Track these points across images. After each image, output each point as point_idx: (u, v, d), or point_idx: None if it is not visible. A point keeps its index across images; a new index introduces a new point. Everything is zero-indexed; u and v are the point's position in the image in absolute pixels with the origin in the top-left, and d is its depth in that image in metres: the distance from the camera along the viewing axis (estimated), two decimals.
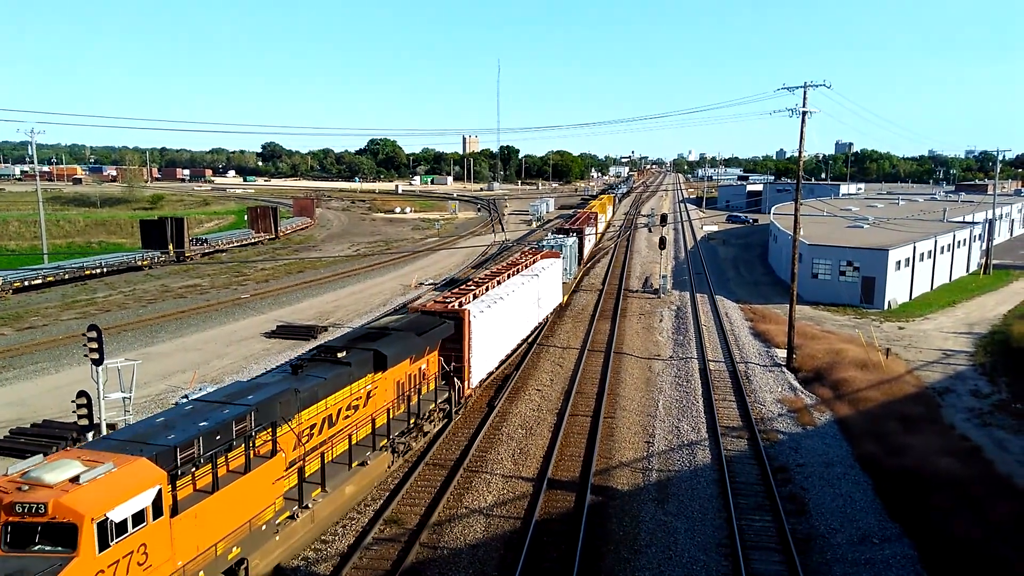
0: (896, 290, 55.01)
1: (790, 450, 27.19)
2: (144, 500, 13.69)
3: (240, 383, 20.26)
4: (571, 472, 25.27)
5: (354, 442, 21.54)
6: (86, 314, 49.99)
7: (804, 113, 37.15)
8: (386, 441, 23.24)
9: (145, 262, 71.27)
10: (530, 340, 41.00)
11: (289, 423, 18.47)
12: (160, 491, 14.04)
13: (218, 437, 16.11)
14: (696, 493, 23.56)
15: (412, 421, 24.95)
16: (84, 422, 26.47)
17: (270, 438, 17.61)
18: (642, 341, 43.07)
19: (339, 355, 21.74)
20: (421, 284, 61.82)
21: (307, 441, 19.50)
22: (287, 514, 18.36)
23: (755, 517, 22.01)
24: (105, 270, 66.92)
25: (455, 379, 28.46)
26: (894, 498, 22.87)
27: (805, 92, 36.97)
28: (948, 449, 26.18)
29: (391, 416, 23.57)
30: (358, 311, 51.25)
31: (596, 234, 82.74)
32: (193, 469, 15.45)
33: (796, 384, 35.19)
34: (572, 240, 57.13)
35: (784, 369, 37.51)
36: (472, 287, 34.30)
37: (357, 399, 21.94)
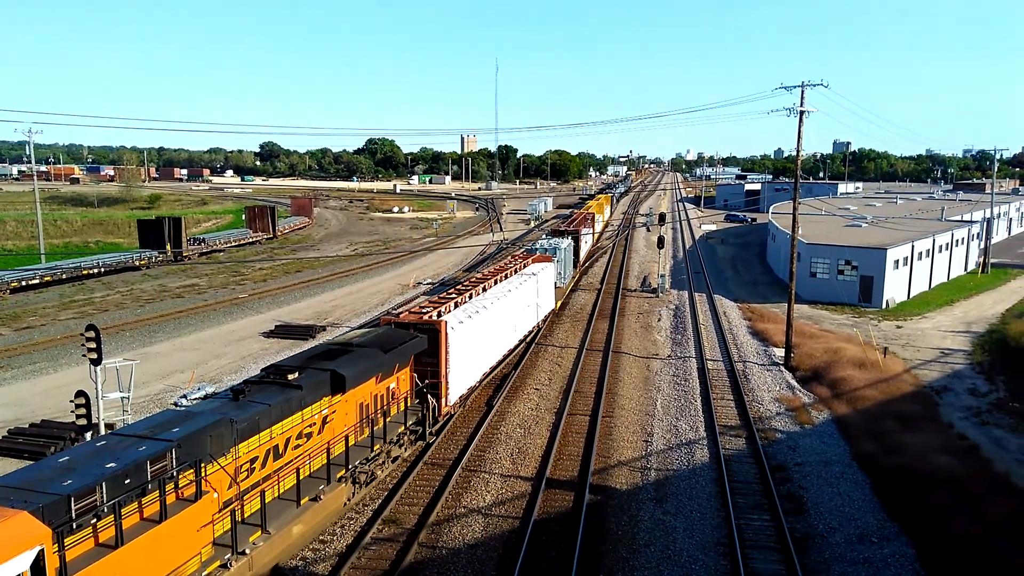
0: (894, 289, 55.07)
1: (788, 449, 27.22)
2: (18, 566, 11.36)
3: (170, 411, 18.00)
4: (570, 471, 25.28)
5: (306, 474, 19.35)
6: (84, 314, 49.92)
7: (802, 112, 37.17)
8: (344, 471, 20.90)
9: (143, 262, 71.19)
10: (520, 349, 39.14)
11: (222, 458, 16.29)
12: (42, 552, 11.71)
13: (128, 480, 13.69)
14: (694, 492, 23.57)
15: (377, 447, 22.78)
16: (82, 422, 26.45)
17: (195, 478, 15.34)
18: (640, 340, 43.08)
19: (289, 377, 19.48)
20: (419, 284, 61.79)
21: (246, 477, 17.36)
22: (217, 563, 15.92)
23: (753, 516, 22.03)
24: (102, 270, 66.83)
25: (430, 397, 26.48)
26: (892, 497, 22.89)
27: (803, 91, 36.99)
28: (946, 448, 26.21)
29: (352, 443, 21.46)
30: (356, 311, 51.23)
31: (593, 235, 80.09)
32: (94, 520, 13.16)
33: (794, 383, 35.21)
34: (567, 242, 54.73)
35: (782, 368, 37.54)
36: (454, 295, 32.03)
37: (310, 426, 19.70)
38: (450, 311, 29.29)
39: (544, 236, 58.99)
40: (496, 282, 36.40)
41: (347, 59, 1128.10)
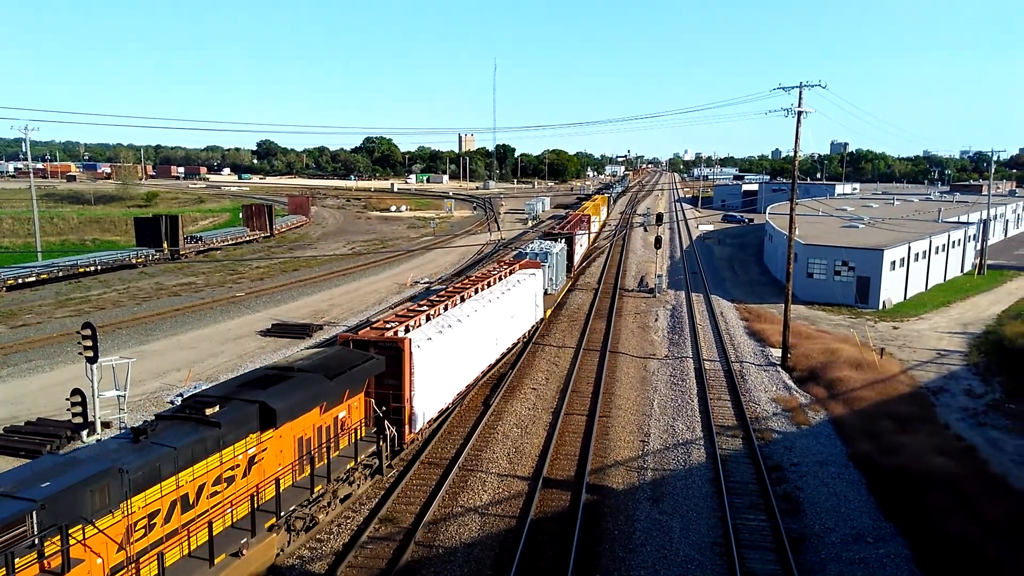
0: (891, 290, 55.15)
1: (785, 449, 27.25)
2: None
3: (50, 458, 14.70)
4: (566, 471, 25.28)
5: (227, 525, 16.69)
6: (80, 312, 49.84)
7: (800, 113, 37.20)
8: (276, 519, 17.89)
9: (139, 260, 71.09)
10: (504, 362, 36.79)
11: (109, 516, 13.71)
12: None
13: None
14: (691, 492, 23.58)
15: (320, 487, 19.79)
16: (78, 420, 26.41)
17: (62, 546, 12.69)
18: (637, 340, 43.10)
19: (207, 412, 16.69)
20: (416, 283, 61.76)
21: (143, 536, 14.66)
22: None
23: (750, 516, 22.05)
24: (99, 268, 66.71)
25: (390, 424, 23.67)
26: (888, 497, 22.92)
27: (801, 92, 37.03)
28: (942, 448, 26.26)
29: (288, 484, 18.79)
30: (352, 310, 51.20)
31: (589, 237, 78.11)
32: None
33: (791, 383, 35.25)
34: (559, 247, 51.77)
35: (779, 368, 37.58)
36: (426, 307, 29.47)
37: (233, 468, 16.98)
38: (419, 326, 26.83)
39: (536, 240, 55.27)
40: (477, 291, 33.67)
41: (345, 58, 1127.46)
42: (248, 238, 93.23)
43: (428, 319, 27.81)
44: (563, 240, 56.43)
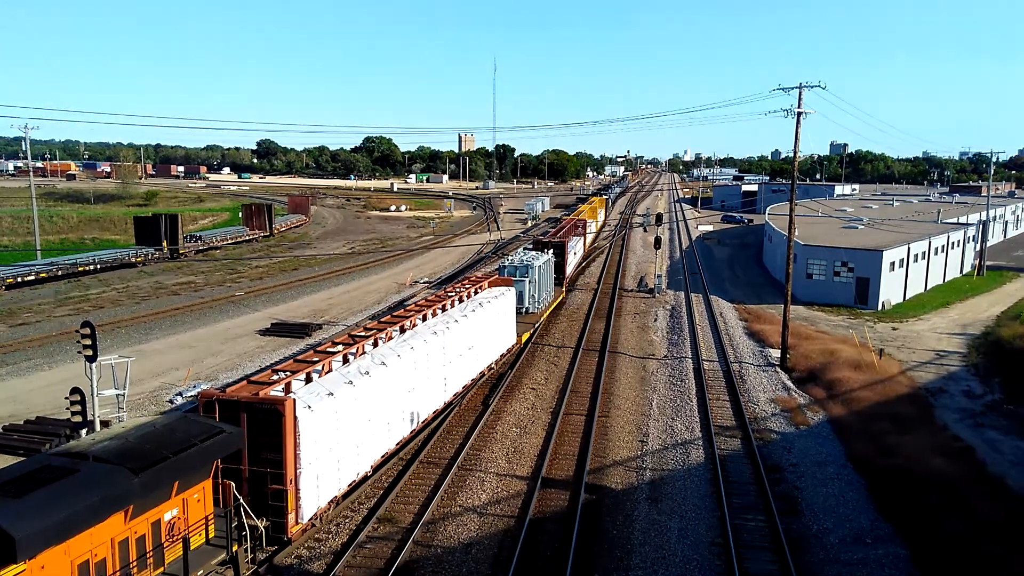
0: (890, 291, 55.17)
1: (783, 449, 27.26)
2: None
3: None
4: (565, 471, 25.30)
5: None
6: (79, 310, 49.83)
7: (799, 114, 37.22)
8: None
9: (139, 259, 71.04)
10: (460, 401, 30.89)
11: None
12: None
13: None
14: (690, 492, 23.60)
15: None
16: (77, 419, 26.42)
17: None
18: (637, 340, 43.12)
19: None
20: (416, 282, 61.78)
21: None
22: None
23: (748, 516, 22.07)
24: (99, 267, 66.67)
25: (262, 514, 18.14)
26: (887, 498, 22.95)
27: (800, 93, 37.05)
28: (941, 449, 26.28)
29: None
30: (352, 309, 51.21)
31: (585, 245, 71.78)
32: None
33: (790, 384, 35.27)
34: (544, 259, 44.52)
35: (778, 369, 37.59)
36: (342, 345, 23.98)
37: None
38: (329, 371, 21.28)
39: (520, 250, 49.41)
40: (425, 318, 28.34)
41: (345, 57, 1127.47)
42: (248, 237, 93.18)
43: (345, 361, 22.29)
44: (551, 250, 49.97)
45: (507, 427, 29.17)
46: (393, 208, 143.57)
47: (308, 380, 20.22)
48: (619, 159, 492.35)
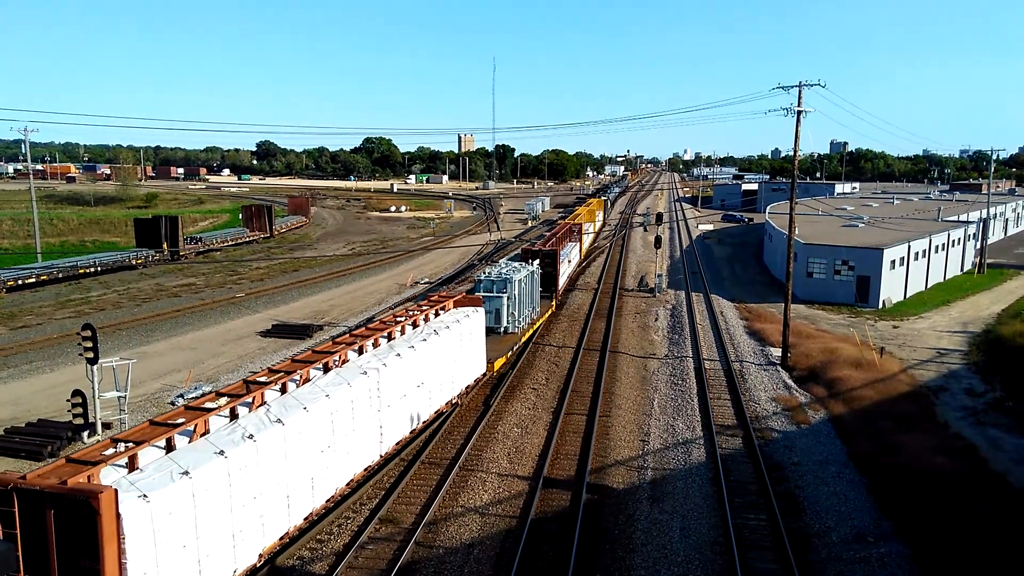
0: (891, 289, 55.16)
1: (785, 448, 27.26)
2: None
3: None
4: (567, 471, 25.30)
5: None
6: (80, 313, 49.85)
7: (799, 112, 37.21)
8: None
9: (139, 261, 71.08)
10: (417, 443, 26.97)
11: None
12: None
13: None
14: (691, 491, 23.60)
15: None
16: (79, 421, 26.46)
17: None
18: (637, 340, 43.11)
19: None
20: (416, 283, 61.79)
21: None
22: None
23: (750, 515, 22.06)
24: (99, 269, 66.70)
25: None
26: (888, 496, 22.94)
27: (800, 91, 37.03)
28: (942, 447, 26.26)
29: None
30: (353, 310, 51.22)
31: (581, 251, 67.47)
32: None
33: (791, 383, 35.26)
34: (527, 271, 39.48)
35: (779, 368, 37.59)
36: (227, 397, 18.14)
37: None
38: (204, 433, 16.16)
39: (502, 261, 44.20)
40: (360, 351, 23.09)
41: (344, 58, 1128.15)
42: (248, 239, 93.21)
43: (233, 416, 17.16)
44: (538, 260, 45.40)
45: (508, 427, 29.17)
46: (393, 209, 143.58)
47: (169, 448, 15.28)
48: (619, 159, 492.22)
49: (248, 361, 38.00)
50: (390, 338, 24.95)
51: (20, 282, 58.79)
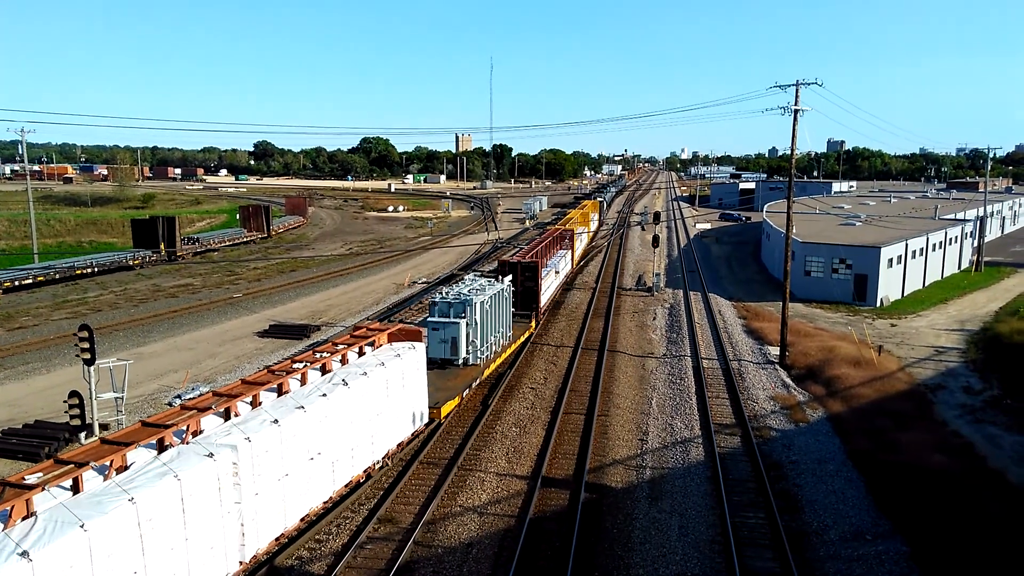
0: (888, 287, 55.21)
1: (783, 447, 27.26)
2: None
3: None
4: (565, 470, 25.28)
5: None
6: (77, 314, 49.74)
7: (796, 111, 37.23)
8: None
9: (136, 261, 70.97)
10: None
11: None
12: None
13: None
14: (689, 490, 23.59)
15: None
16: (76, 422, 26.40)
17: None
18: (636, 339, 43.11)
19: None
20: (414, 283, 61.75)
21: None
22: None
23: (748, 514, 22.06)
24: (96, 269, 66.59)
25: None
26: (887, 494, 22.95)
27: (797, 90, 37.05)
28: (940, 445, 26.29)
29: None
30: (351, 310, 51.17)
31: (573, 260, 60.91)
32: None
33: (789, 381, 35.27)
34: (496, 289, 34.15)
35: (777, 366, 37.60)
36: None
37: None
38: None
39: (471, 276, 37.72)
40: (226, 414, 17.39)
41: (342, 58, 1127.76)
42: (245, 239, 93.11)
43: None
44: (512, 275, 39.60)
45: (507, 427, 29.15)
46: (391, 209, 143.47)
47: None
48: (616, 158, 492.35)
49: (245, 361, 37.95)
50: (280, 392, 19.24)
51: (17, 283, 58.66)
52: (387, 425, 23.42)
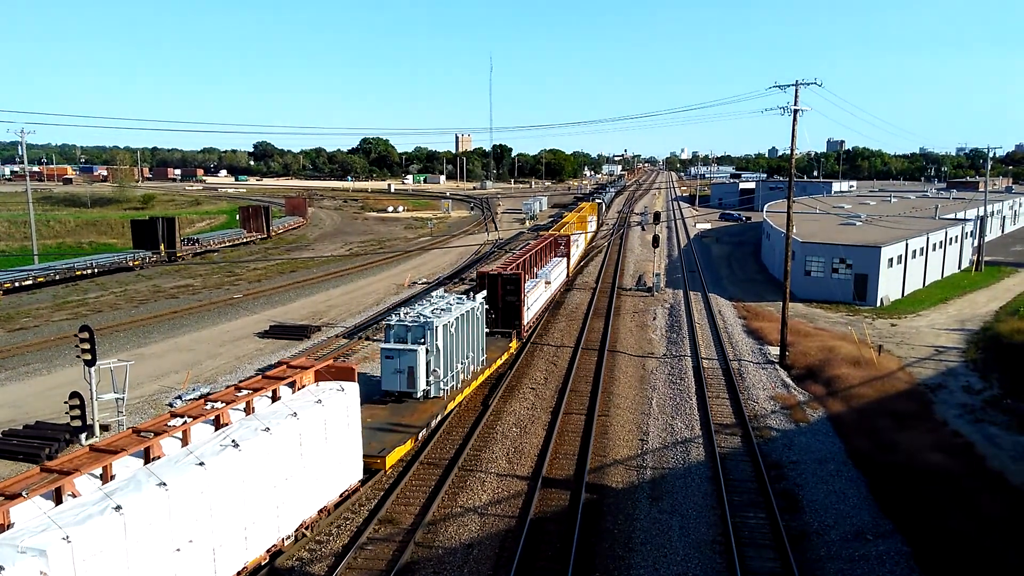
0: (888, 287, 55.22)
1: (783, 447, 27.27)
2: None
3: None
4: (566, 470, 25.29)
5: None
6: (78, 315, 49.75)
7: (796, 111, 37.25)
8: None
9: (136, 262, 70.96)
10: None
11: None
12: None
13: None
14: (690, 490, 23.60)
15: None
16: (77, 423, 26.41)
17: None
18: (636, 339, 43.11)
19: None
20: (414, 283, 61.76)
21: None
22: None
23: (749, 514, 22.07)
24: (96, 270, 66.59)
25: None
26: (887, 494, 22.96)
27: (797, 90, 37.08)
28: (940, 445, 26.30)
29: None
30: (351, 311, 51.18)
31: (569, 268, 56.39)
32: None
33: (789, 381, 35.28)
34: (466, 307, 30.15)
35: (777, 366, 37.61)
36: None
37: None
38: None
39: (439, 292, 33.90)
40: (58, 497, 13.41)
41: (341, 58, 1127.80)
42: (245, 240, 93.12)
43: None
44: (484, 292, 35.02)
45: (507, 427, 29.15)
46: (391, 209, 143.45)
47: None
48: (616, 158, 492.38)
49: (246, 362, 37.96)
50: (147, 458, 15.20)
51: (17, 284, 58.65)
52: (301, 489, 19.04)
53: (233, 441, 16.53)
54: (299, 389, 20.29)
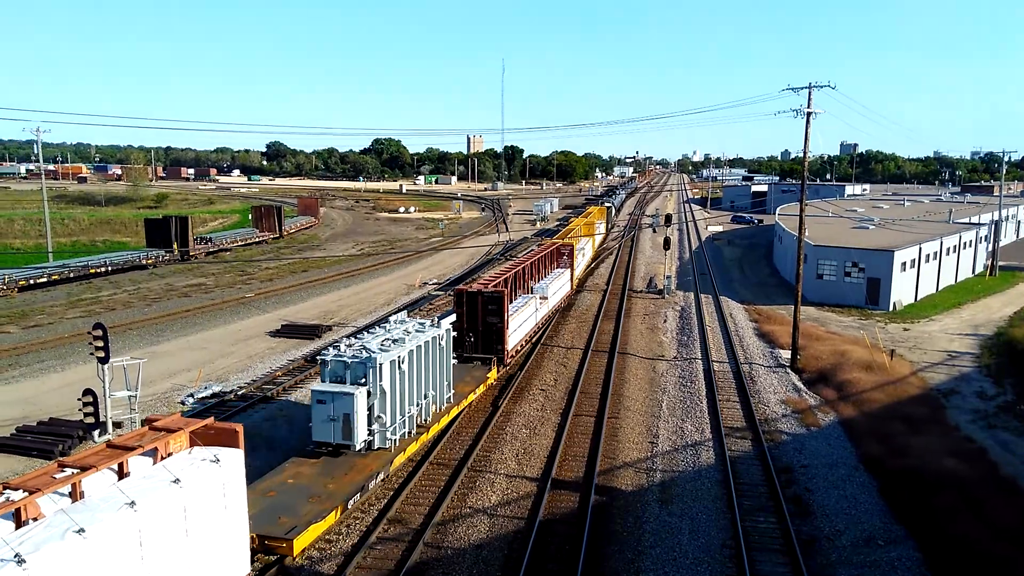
0: (901, 291, 54.88)
1: (794, 451, 27.16)
2: None
3: None
4: (575, 472, 25.27)
5: None
6: (91, 312, 50.12)
7: (809, 114, 37.09)
8: None
9: (150, 261, 71.43)
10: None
11: None
12: None
13: None
14: (700, 494, 23.54)
15: None
16: (90, 420, 26.61)
17: None
18: (646, 341, 43.03)
19: None
20: (425, 284, 61.87)
21: None
22: None
23: (759, 518, 21.98)
24: (110, 269, 67.07)
25: None
26: (899, 500, 22.82)
27: (810, 93, 36.92)
28: (953, 450, 26.12)
29: None
30: (362, 311, 51.32)
31: (573, 279, 52.74)
32: None
33: (800, 385, 35.13)
34: (417, 343, 24.88)
35: (788, 370, 37.45)
36: None
37: None
38: None
39: (401, 315, 28.20)
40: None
41: (354, 59, 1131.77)
42: (257, 239, 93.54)
43: None
44: (452, 316, 30.59)
45: (517, 428, 29.16)
46: (402, 210, 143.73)
47: None
48: (628, 160, 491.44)
49: (258, 361, 38.15)
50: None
51: (32, 282, 59.16)
52: (212, 554, 14.70)
53: (17, 556, 10.75)
54: (164, 458, 14.78)
